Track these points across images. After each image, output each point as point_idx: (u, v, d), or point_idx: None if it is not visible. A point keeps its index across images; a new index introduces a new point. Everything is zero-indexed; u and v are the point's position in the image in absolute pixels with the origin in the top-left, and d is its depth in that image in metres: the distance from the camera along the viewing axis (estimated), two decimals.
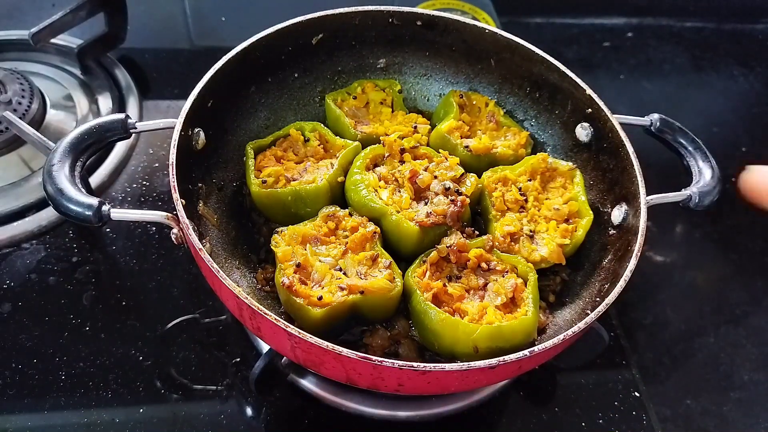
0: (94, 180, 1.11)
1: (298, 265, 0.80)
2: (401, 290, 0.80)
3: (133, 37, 1.30)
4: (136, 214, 0.76)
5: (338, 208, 0.87)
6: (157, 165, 1.16)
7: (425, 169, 0.90)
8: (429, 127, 1.01)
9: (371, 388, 0.72)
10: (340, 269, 0.81)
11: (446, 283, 0.81)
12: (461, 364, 0.66)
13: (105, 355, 0.93)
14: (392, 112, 1.02)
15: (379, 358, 0.66)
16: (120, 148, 1.16)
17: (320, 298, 0.76)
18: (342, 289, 0.77)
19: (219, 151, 0.94)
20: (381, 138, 0.93)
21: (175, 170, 0.78)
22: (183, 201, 0.76)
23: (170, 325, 0.98)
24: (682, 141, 0.95)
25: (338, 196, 0.90)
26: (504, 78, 1.05)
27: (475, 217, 0.94)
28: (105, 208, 0.73)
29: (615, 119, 0.92)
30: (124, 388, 0.90)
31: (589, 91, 0.95)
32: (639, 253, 0.79)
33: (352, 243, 0.83)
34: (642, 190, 0.85)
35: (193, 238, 0.73)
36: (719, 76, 1.57)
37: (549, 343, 0.69)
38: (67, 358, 0.92)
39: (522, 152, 0.98)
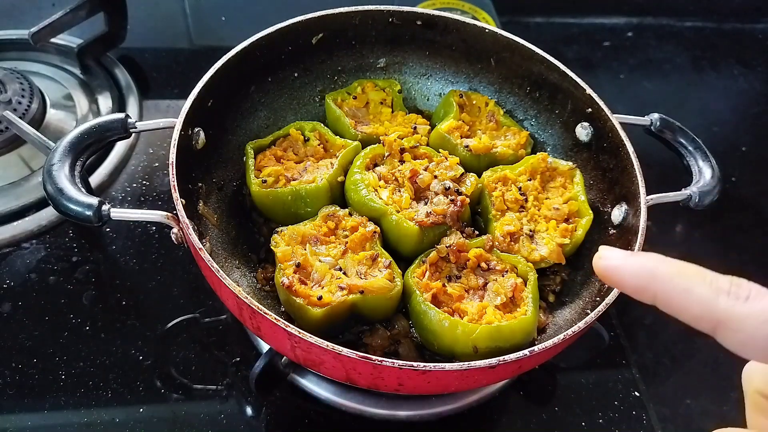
0: (94, 180, 1.11)
1: (298, 265, 0.80)
2: (401, 290, 0.80)
3: (133, 36, 1.31)
4: (136, 213, 0.76)
5: (338, 208, 0.87)
6: (157, 165, 1.16)
7: (425, 169, 0.90)
8: (428, 127, 1.00)
9: (371, 387, 0.72)
10: (340, 269, 0.81)
11: (446, 283, 0.81)
12: (461, 363, 0.66)
13: (105, 354, 0.93)
14: (392, 112, 1.02)
15: (379, 358, 0.66)
16: (120, 147, 1.16)
17: (320, 298, 0.76)
18: (342, 288, 0.77)
19: (219, 150, 0.94)
20: (381, 138, 0.93)
21: (175, 170, 0.77)
22: (183, 201, 0.76)
23: (170, 324, 0.98)
24: (682, 141, 0.95)
25: (338, 195, 0.90)
26: (504, 78, 1.05)
27: (475, 217, 0.94)
28: (105, 207, 0.73)
29: (615, 119, 0.92)
30: (124, 387, 0.90)
31: (589, 90, 0.95)
32: None
33: (352, 243, 0.83)
34: (642, 189, 0.85)
35: (193, 237, 0.73)
36: (719, 76, 1.57)
37: (549, 343, 0.69)
38: (67, 357, 0.92)
39: (522, 152, 0.98)
